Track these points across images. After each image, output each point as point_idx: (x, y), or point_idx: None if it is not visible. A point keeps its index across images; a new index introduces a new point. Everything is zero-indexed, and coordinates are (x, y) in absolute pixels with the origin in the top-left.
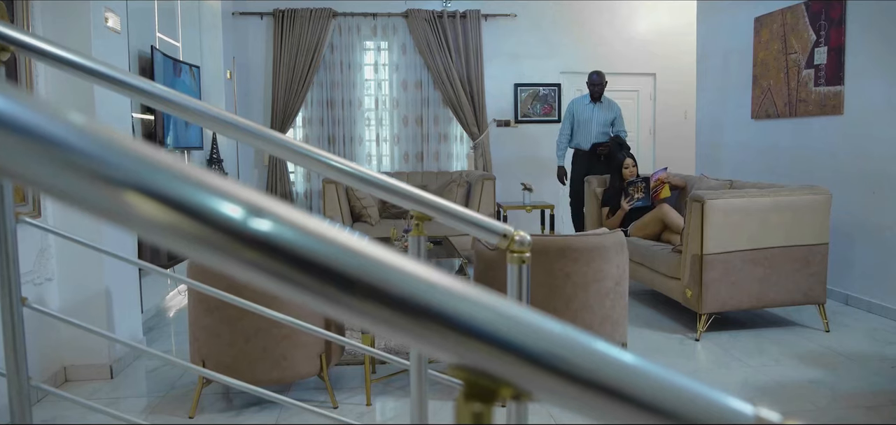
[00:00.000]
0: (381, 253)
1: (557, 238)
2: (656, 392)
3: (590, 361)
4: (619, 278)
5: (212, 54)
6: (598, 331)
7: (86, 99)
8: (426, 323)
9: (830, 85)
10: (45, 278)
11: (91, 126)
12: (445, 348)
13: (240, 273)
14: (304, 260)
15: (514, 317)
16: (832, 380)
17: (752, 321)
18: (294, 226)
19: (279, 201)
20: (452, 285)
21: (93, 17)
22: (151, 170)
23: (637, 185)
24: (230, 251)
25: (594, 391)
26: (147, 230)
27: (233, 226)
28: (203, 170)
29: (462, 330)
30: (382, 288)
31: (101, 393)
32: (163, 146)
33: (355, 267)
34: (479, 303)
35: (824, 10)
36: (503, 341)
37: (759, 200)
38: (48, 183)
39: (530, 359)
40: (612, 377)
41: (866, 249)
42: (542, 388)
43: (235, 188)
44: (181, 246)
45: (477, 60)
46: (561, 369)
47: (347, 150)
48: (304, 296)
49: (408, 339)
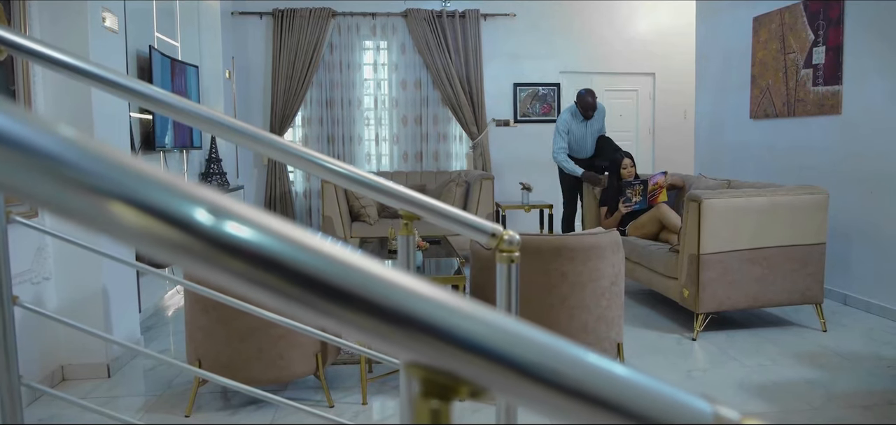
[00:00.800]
0: (334, 249)
1: (553, 237)
2: (614, 389)
3: (546, 358)
4: (614, 277)
5: (211, 54)
6: (594, 330)
7: (83, 99)
8: (379, 320)
9: (828, 85)
10: (42, 277)
11: (76, 137)
12: (398, 344)
13: (208, 274)
14: (249, 250)
15: (467, 314)
16: (828, 380)
17: (750, 321)
18: (247, 221)
19: (249, 207)
20: (405, 282)
21: (90, 17)
22: (131, 179)
23: (635, 188)
24: (205, 257)
25: (551, 388)
26: (127, 238)
27: (207, 233)
28: (179, 179)
29: (415, 327)
30: (334, 283)
31: (99, 392)
32: (161, 146)
33: (308, 262)
34: (433, 300)
35: (823, 10)
36: (457, 338)
37: (757, 200)
38: (30, 192)
39: (485, 356)
40: (569, 374)
41: (864, 249)
42: (498, 385)
43: (213, 196)
44: (162, 254)
45: (476, 60)
46: (516, 366)
47: (347, 150)
48: (255, 289)
49: (362, 336)
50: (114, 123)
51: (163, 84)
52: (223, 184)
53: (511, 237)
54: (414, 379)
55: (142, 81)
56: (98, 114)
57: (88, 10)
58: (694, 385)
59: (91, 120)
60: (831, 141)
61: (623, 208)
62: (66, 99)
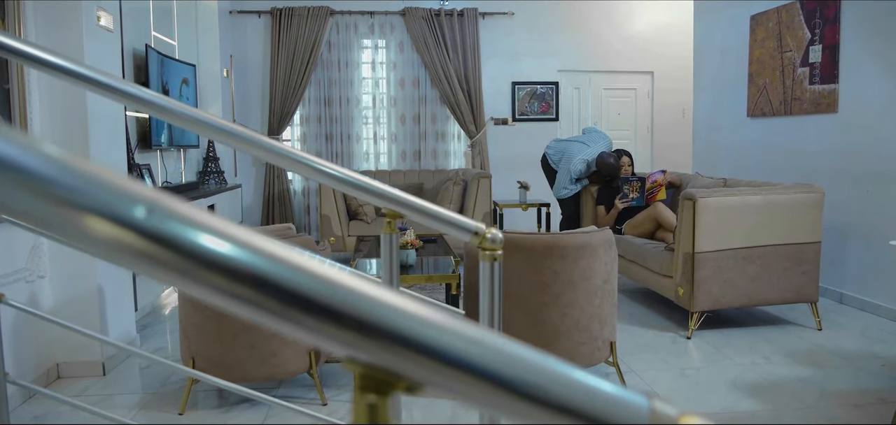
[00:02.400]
0: (278, 248)
1: (545, 236)
2: (549, 384)
3: (478, 352)
4: (607, 276)
5: (208, 53)
6: (587, 329)
7: (78, 97)
8: (314, 316)
9: (825, 83)
10: (37, 275)
11: (56, 155)
12: (332, 340)
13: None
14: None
15: (398, 309)
16: (821, 379)
17: (745, 319)
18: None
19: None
20: (340, 279)
21: (84, 16)
22: (105, 191)
23: (632, 184)
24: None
25: (486, 383)
26: (100, 250)
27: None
28: (155, 192)
29: (344, 323)
30: (274, 281)
31: (94, 389)
32: (158, 144)
33: (245, 260)
34: (362, 295)
35: (819, 9)
36: (386, 332)
37: (752, 199)
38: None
39: (415, 350)
40: (501, 369)
41: (860, 248)
42: (432, 380)
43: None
44: (136, 267)
45: (474, 58)
46: (449, 360)
47: (345, 148)
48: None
49: (298, 333)
50: (109, 122)
51: (159, 83)
52: (220, 184)
53: (494, 235)
54: (352, 373)
55: (135, 84)
56: (93, 113)
57: (83, 9)
58: (687, 383)
59: (86, 118)
60: (828, 139)
61: (619, 204)
62: (61, 98)
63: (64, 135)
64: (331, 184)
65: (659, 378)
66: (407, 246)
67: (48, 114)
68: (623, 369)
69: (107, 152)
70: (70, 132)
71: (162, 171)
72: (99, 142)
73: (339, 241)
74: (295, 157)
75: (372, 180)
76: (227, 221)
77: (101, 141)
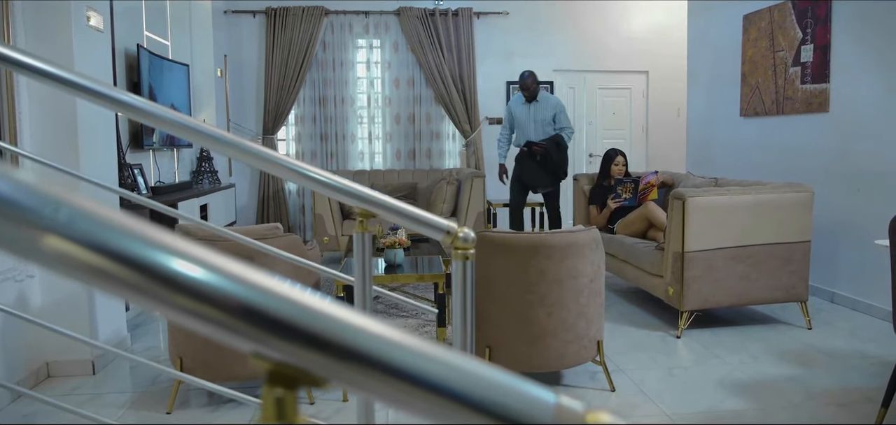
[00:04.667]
0: (183, 245)
1: (532, 235)
2: (451, 376)
3: (383, 348)
4: (593, 275)
5: (202, 52)
6: (574, 328)
7: (67, 99)
8: (220, 312)
9: (816, 82)
10: (26, 275)
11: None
12: (235, 334)
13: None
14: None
15: (298, 303)
16: (808, 378)
17: (736, 319)
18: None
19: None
20: (242, 274)
21: (74, 16)
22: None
23: (626, 185)
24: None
25: (389, 377)
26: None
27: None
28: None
29: (246, 318)
30: (176, 277)
31: (83, 389)
32: (150, 144)
33: (148, 257)
34: (262, 289)
35: (810, 8)
36: (286, 327)
37: (741, 198)
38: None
39: (320, 347)
40: (406, 363)
41: (851, 247)
42: (336, 375)
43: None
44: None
45: (469, 58)
46: (351, 356)
47: (340, 148)
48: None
49: (204, 329)
50: (99, 121)
51: (151, 82)
52: (214, 183)
53: (466, 234)
54: (260, 368)
55: (123, 90)
56: (82, 113)
57: (72, 9)
58: (674, 382)
59: (75, 118)
60: (819, 139)
61: (611, 203)
62: (50, 97)
63: (53, 135)
64: (302, 182)
65: (647, 377)
66: (395, 245)
67: (38, 114)
68: (611, 368)
69: (96, 153)
70: (59, 132)
71: (155, 171)
72: (88, 142)
73: (333, 241)
74: (261, 154)
75: (342, 179)
76: (127, 215)
77: (91, 141)
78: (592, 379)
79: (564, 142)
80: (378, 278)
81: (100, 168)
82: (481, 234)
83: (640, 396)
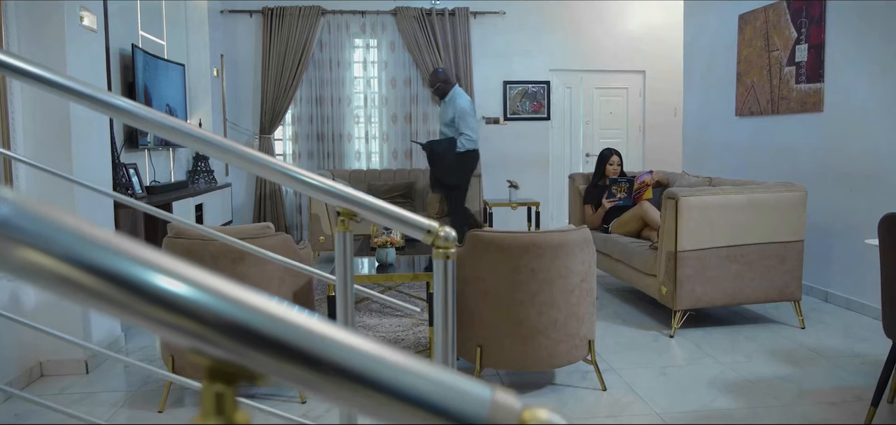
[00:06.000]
0: (122, 241)
1: (522, 234)
2: (386, 371)
3: (317, 344)
4: (584, 274)
5: (198, 52)
6: (564, 327)
7: (62, 101)
8: (157, 307)
9: (811, 82)
10: None
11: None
12: (173, 331)
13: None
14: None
15: (232, 298)
16: (800, 377)
17: (730, 318)
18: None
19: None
20: (180, 270)
21: (67, 16)
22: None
23: (620, 185)
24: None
25: (324, 372)
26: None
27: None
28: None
29: (182, 314)
30: (117, 274)
31: (76, 388)
32: (144, 144)
33: (84, 253)
34: (194, 283)
35: (805, 8)
36: (218, 322)
37: (734, 198)
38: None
39: (256, 343)
40: (340, 358)
41: (845, 247)
42: (274, 371)
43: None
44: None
45: (466, 58)
46: (286, 352)
47: (336, 148)
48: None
49: (142, 324)
50: (92, 121)
51: (146, 82)
52: (210, 183)
53: (446, 233)
54: (199, 364)
55: (116, 95)
56: (75, 112)
57: (65, 9)
58: (666, 381)
59: (68, 117)
60: (813, 138)
61: (606, 203)
62: (43, 97)
63: (46, 136)
64: (279, 180)
65: (639, 376)
66: (387, 244)
67: (31, 113)
68: (603, 367)
69: (90, 153)
70: (52, 132)
71: (150, 171)
72: (81, 142)
73: (329, 241)
74: (237, 151)
75: (320, 178)
76: (66, 212)
77: (84, 141)
78: (584, 379)
79: (453, 148)
80: (365, 278)
81: (94, 168)
82: (472, 233)
83: (630, 395)
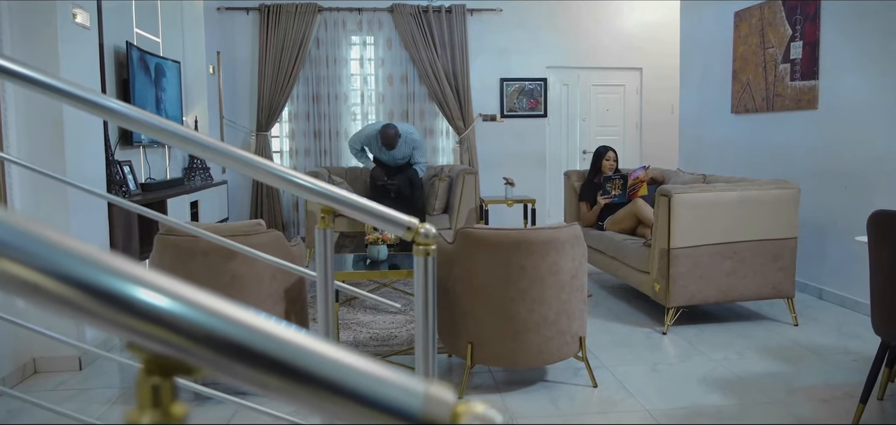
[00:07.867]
0: (52, 235)
1: (512, 231)
2: (316, 364)
3: (249, 337)
4: (575, 271)
5: (194, 50)
6: (555, 324)
7: (55, 101)
8: (94, 303)
9: (806, 79)
10: None
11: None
12: (109, 323)
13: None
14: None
15: (169, 293)
16: (791, 374)
17: (723, 315)
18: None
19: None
20: (119, 266)
21: (60, 13)
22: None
23: (615, 182)
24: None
25: (256, 365)
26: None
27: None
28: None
29: (115, 306)
30: (53, 267)
31: (69, 384)
32: (139, 141)
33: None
34: (127, 275)
35: (800, 6)
36: (153, 316)
37: (727, 195)
38: None
39: (191, 337)
40: (273, 351)
41: (839, 244)
42: (210, 363)
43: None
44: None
45: (462, 55)
46: (218, 345)
47: (333, 145)
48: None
49: (81, 318)
50: (86, 119)
51: (141, 80)
52: (206, 180)
53: (426, 231)
54: (136, 357)
55: (108, 97)
56: (68, 112)
57: (58, 7)
58: (657, 378)
59: (60, 114)
60: (808, 135)
61: (601, 200)
62: (36, 95)
63: (39, 134)
64: (259, 176)
65: (630, 373)
66: (378, 241)
67: (24, 111)
68: (595, 364)
69: (83, 151)
70: (45, 130)
71: (145, 168)
72: (75, 140)
73: None
74: (221, 151)
75: (301, 175)
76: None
77: (78, 138)
78: (575, 375)
79: (418, 176)
80: (350, 274)
81: (87, 167)
82: (463, 230)
83: (621, 392)
